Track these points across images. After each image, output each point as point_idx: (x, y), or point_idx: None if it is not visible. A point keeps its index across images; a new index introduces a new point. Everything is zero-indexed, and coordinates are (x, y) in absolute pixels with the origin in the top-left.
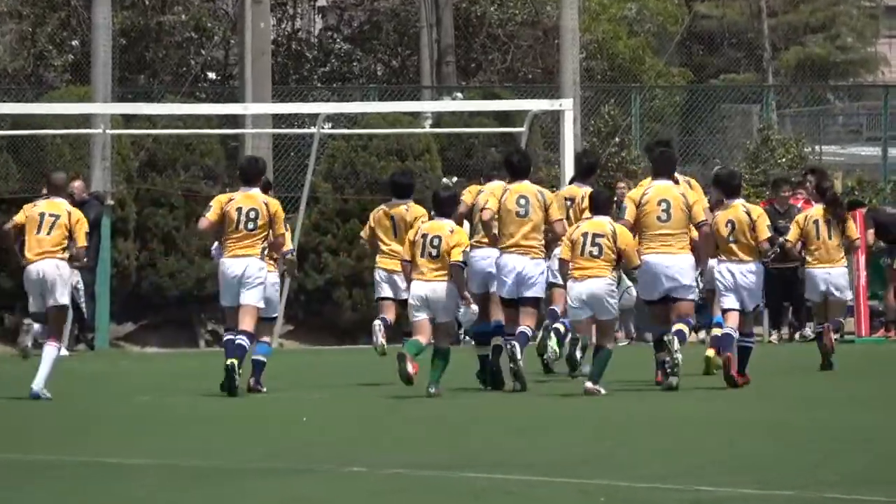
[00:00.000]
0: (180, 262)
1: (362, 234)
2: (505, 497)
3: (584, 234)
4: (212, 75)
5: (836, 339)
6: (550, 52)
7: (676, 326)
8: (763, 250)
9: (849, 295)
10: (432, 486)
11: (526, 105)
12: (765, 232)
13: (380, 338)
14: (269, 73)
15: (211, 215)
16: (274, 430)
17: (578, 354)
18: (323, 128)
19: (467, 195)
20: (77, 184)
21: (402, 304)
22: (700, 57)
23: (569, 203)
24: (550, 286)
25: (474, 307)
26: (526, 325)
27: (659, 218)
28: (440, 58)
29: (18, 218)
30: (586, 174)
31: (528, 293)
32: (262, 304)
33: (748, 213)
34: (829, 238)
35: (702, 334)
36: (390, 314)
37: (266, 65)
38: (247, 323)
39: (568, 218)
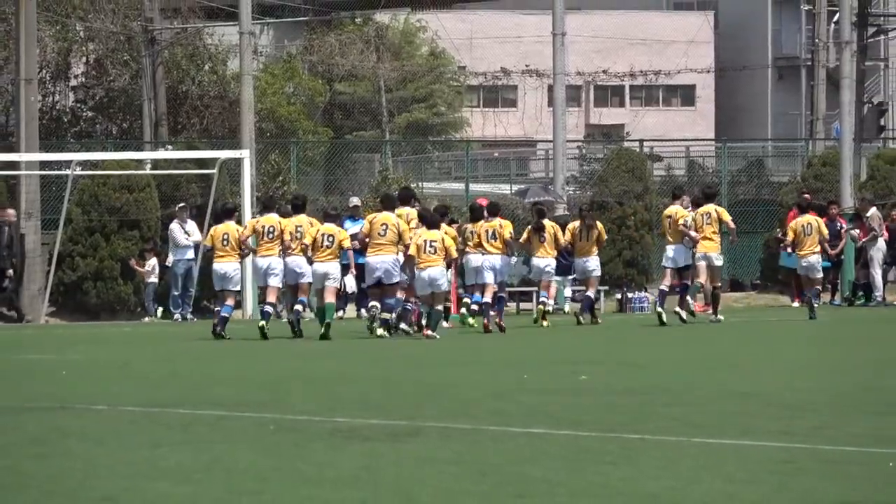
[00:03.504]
0: None
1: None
2: (205, 427)
3: (425, 241)
4: None
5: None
6: (234, 117)
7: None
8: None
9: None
10: (154, 420)
11: (217, 154)
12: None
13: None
14: (37, 132)
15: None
16: (37, 380)
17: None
18: (75, 170)
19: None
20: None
21: None
22: (339, 120)
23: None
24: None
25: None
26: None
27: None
28: (157, 121)
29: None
30: (709, 198)
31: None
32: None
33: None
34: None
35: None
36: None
37: (35, 126)
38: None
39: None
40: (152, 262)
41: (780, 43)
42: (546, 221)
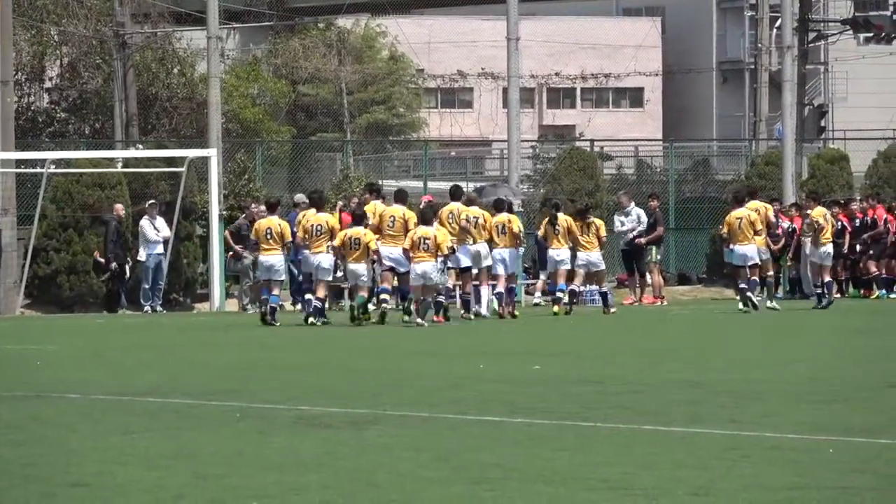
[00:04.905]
0: None
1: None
2: (173, 415)
3: (420, 238)
4: None
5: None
6: (201, 118)
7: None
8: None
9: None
10: (125, 408)
11: (185, 153)
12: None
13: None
14: (13, 132)
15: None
16: (13, 370)
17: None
18: (50, 168)
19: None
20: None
21: None
22: (302, 121)
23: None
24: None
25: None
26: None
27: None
28: (128, 121)
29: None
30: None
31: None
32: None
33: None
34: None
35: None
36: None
37: (11, 126)
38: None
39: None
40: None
41: (725, 47)
42: (560, 215)
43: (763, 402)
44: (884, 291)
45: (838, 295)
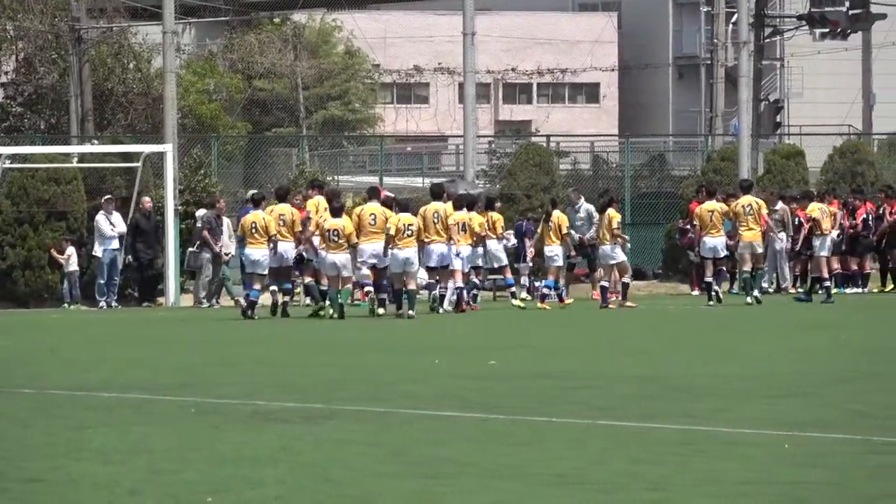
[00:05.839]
0: None
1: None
2: (128, 410)
3: (404, 225)
4: None
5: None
6: (157, 113)
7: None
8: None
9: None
10: (79, 403)
11: (141, 148)
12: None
13: None
14: None
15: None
16: None
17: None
18: (5, 163)
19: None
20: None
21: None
22: (257, 116)
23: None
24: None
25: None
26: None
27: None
28: (83, 116)
29: None
30: (746, 191)
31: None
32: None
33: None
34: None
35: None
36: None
37: None
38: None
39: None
40: (69, 251)
41: (681, 43)
42: (555, 212)
43: (717, 396)
44: (842, 287)
45: (793, 290)
